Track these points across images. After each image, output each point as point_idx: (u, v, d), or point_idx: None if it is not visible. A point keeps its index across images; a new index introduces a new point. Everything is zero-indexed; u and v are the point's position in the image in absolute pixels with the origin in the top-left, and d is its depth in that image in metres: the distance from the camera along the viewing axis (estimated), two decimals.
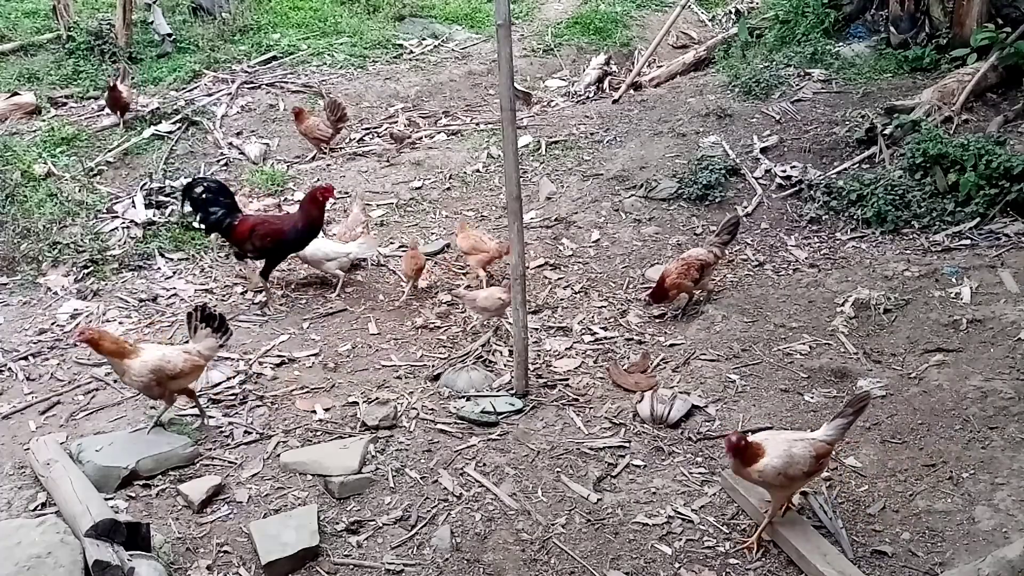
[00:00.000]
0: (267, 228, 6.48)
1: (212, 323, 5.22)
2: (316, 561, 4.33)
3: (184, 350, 5.12)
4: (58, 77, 10.37)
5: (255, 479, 4.87)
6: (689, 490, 4.82)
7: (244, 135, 9.53)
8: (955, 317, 5.98)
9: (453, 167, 8.80)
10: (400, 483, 4.84)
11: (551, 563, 4.36)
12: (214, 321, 5.23)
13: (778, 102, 9.06)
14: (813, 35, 10.40)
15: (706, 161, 8.05)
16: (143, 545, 4.09)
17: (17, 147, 8.49)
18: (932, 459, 4.90)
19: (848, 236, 7.26)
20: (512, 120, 5.07)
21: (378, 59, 11.53)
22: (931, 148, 7.32)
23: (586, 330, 6.35)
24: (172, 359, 4.98)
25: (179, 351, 5.09)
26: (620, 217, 7.77)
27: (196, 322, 5.22)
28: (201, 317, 5.22)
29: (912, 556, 4.34)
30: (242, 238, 6.49)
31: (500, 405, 5.44)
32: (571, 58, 11.98)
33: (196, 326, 5.22)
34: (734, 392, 5.58)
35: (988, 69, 8.57)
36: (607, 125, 9.31)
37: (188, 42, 11.25)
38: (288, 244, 6.55)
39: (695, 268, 6.30)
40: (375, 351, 6.18)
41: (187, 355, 5.06)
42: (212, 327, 5.21)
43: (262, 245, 6.47)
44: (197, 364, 5.11)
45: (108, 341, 4.96)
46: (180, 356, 5.03)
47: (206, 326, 5.21)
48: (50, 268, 7.09)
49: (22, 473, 4.88)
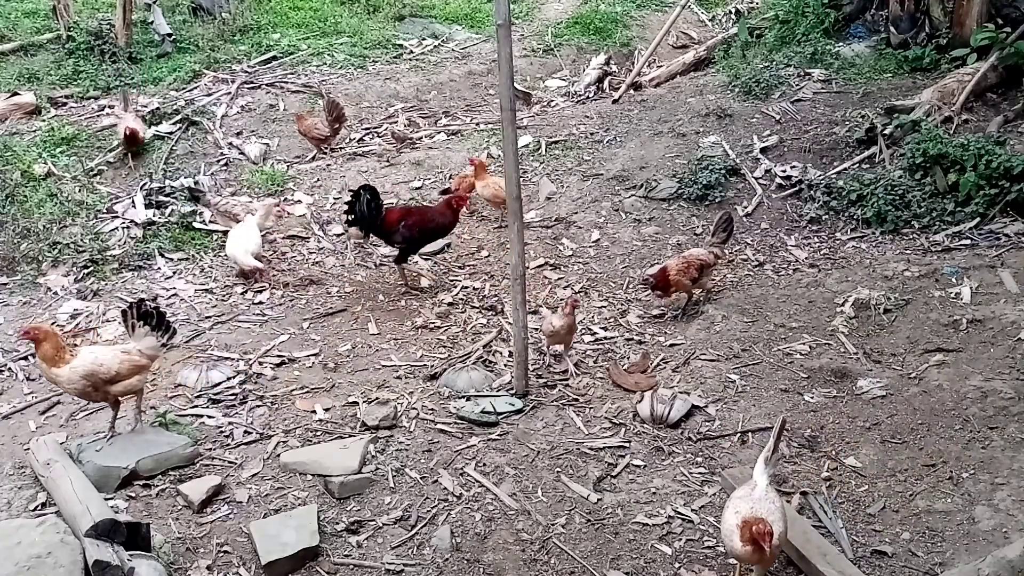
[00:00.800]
0: (414, 219, 6.95)
1: (150, 321, 4.89)
2: (316, 561, 4.33)
3: (122, 350, 4.84)
4: (58, 77, 10.37)
5: (255, 479, 4.87)
6: (689, 490, 4.81)
7: (244, 135, 9.52)
8: (955, 317, 5.98)
9: (453, 167, 8.79)
10: (400, 483, 4.84)
11: (551, 563, 4.36)
12: (152, 319, 4.89)
13: (778, 102, 9.06)
14: (813, 35, 10.40)
15: (706, 161, 8.05)
16: (143, 545, 4.09)
17: (17, 147, 8.49)
18: (932, 459, 4.90)
19: (848, 236, 7.26)
20: (512, 120, 5.07)
21: (378, 59, 11.52)
22: (931, 148, 7.33)
23: (586, 330, 6.35)
24: (105, 362, 4.71)
25: (114, 353, 4.81)
26: (620, 217, 7.77)
27: (132, 320, 4.88)
28: (138, 315, 4.88)
29: (912, 556, 4.34)
30: (391, 227, 6.89)
31: (500, 405, 5.44)
32: (571, 58, 11.98)
33: (133, 324, 4.88)
34: (734, 392, 5.58)
35: (988, 69, 8.57)
36: (607, 125, 9.31)
37: (188, 42, 11.24)
38: (428, 233, 7.05)
39: (695, 267, 6.31)
40: (375, 351, 6.18)
41: (124, 356, 4.79)
42: (151, 325, 4.89)
43: (409, 233, 6.89)
44: (137, 365, 4.83)
45: (49, 344, 4.67)
46: (115, 358, 4.75)
47: (144, 324, 4.88)
48: (50, 268, 7.09)
49: (22, 473, 4.88)
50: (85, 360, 4.72)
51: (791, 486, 4.79)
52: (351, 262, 7.43)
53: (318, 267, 7.38)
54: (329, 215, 8.10)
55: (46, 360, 4.69)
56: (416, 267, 7.20)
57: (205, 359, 6.01)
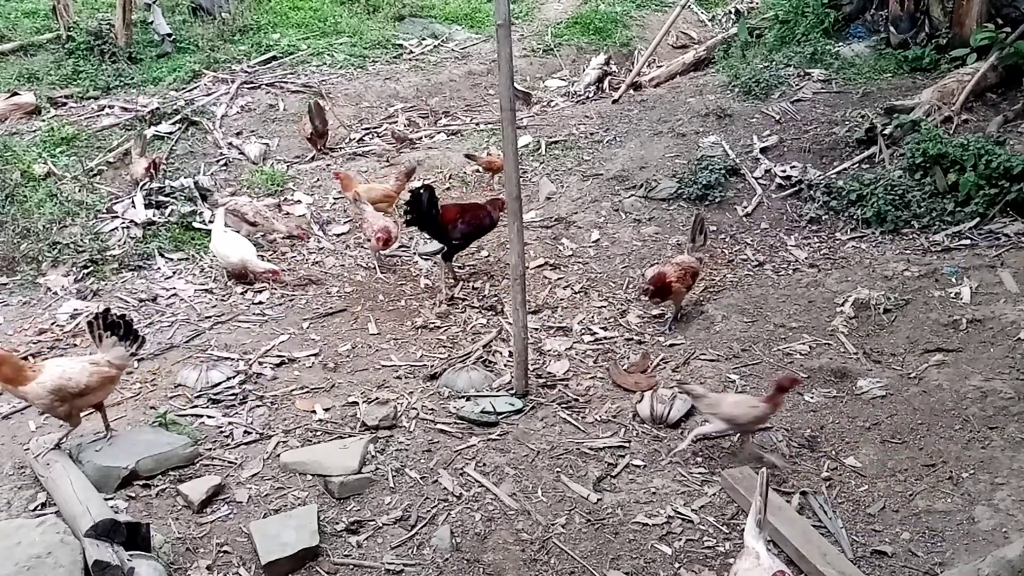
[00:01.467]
0: (470, 216, 7.07)
1: (117, 331, 4.75)
2: (316, 561, 4.33)
3: (91, 362, 4.71)
4: (58, 77, 10.37)
5: (255, 479, 4.87)
6: (689, 490, 4.81)
7: (244, 135, 9.53)
8: (955, 317, 5.98)
9: (453, 167, 8.80)
10: (400, 483, 4.84)
11: (551, 563, 4.36)
12: (119, 328, 4.76)
13: (778, 102, 9.07)
14: (813, 35, 10.41)
15: (706, 161, 8.05)
16: (143, 545, 4.09)
17: (17, 147, 8.49)
18: (932, 459, 4.90)
19: (848, 236, 7.26)
20: (512, 120, 5.07)
21: (378, 59, 11.53)
22: (931, 148, 7.33)
23: (586, 330, 6.35)
24: (74, 376, 4.56)
25: (83, 365, 4.67)
26: (620, 217, 7.77)
27: (99, 331, 4.75)
28: (104, 325, 4.74)
29: (912, 556, 4.34)
30: (449, 225, 7.00)
31: (500, 405, 5.44)
32: (571, 58, 11.99)
33: (100, 335, 4.75)
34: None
35: (988, 69, 8.57)
36: (607, 125, 9.31)
37: (188, 42, 11.25)
38: (478, 231, 7.16)
39: (690, 275, 6.28)
40: (375, 351, 6.18)
41: (94, 368, 4.66)
42: (118, 335, 4.75)
43: (467, 230, 7.04)
44: (107, 376, 4.71)
45: (7, 367, 4.49)
46: (84, 371, 4.61)
47: (111, 334, 4.74)
48: (50, 268, 7.09)
49: (22, 473, 4.87)
50: (52, 375, 4.55)
51: (791, 486, 4.79)
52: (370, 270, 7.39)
53: (318, 267, 7.38)
54: (329, 215, 8.10)
55: (8, 382, 4.54)
56: (448, 267, 7.21)
57: (205, 359, 6.00)
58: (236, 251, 6.97)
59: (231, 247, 7.00)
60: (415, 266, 7.30)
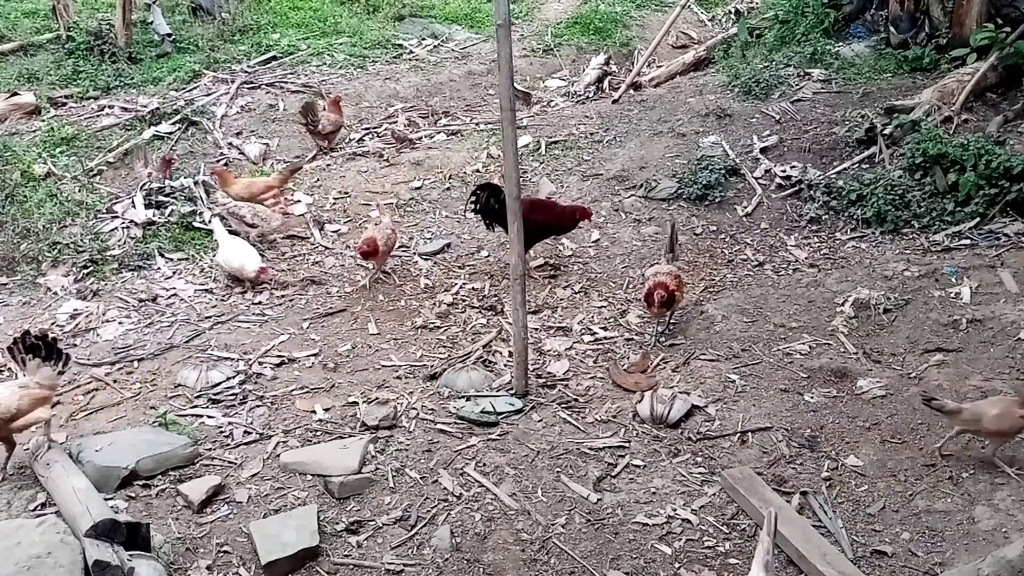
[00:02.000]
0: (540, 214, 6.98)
1: (39, 352, 4.61)
2: (316, 561, 4.33)
3: (19, 385, 4.59)
4: (58, 77, 10.36)
5: (255, 479, 4.87)
6: (689, 490, 4.81)
7: (244, 135, 9.52)
8: (955, 317, 5.98)
9: (453, 167, 8.79)
10: (400, 483, 4.84)
11: (551, 563, 4.36)
12: (40, 350, 4.62)
13: (778, 102, 9.07)
14: (813, 35, 10.40)
15: (706, 161, 8.05)
16: (143, 545, 4.09)
17: (17, 147, 8.48)
18: (932, 459, 4.90)
19: (848, 236, 7.26)
20: (512, 120, 5.07)
21: (378, 59, 11.52)
22: (931, 148, 7.33)
23: (586, 330, 6.35)
24: (3, 400, 4.44)
25: (12, 389, 4.56)
26: (620, 217, 7.77)
27: (21, 355, 4.61)
28: (25, 348, 4.60)
29: (912, 556, 4.34)
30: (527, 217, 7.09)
31: (500, 405, 5.44)
32: (571, 58, 11.98)
33: (23, 359, 4.62)
34: (734, 392, 5.58)
35: (988, 69, 8.57)
36: (607, 125, 9.31)
37: (188, 42, 11.24)
38: (548, 229, 7.15)
39: (682, 281, 6.21)
40: (375, 351, 6.18)
41: (23, 391, 4.53)
42: (41, 356, 4.62)
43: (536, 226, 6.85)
44: (39, 397, 4.58)
45: None
46: (13, 396, 4.49)
47: (34, 356, 4.61)
48: (50, 268, 7.08)
49: (22, 473, 4.87)
50: None
51: (791, 486, 4.79)
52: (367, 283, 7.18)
53: (318, 267, 7.37)
54: (329, 215, 8.10)
55: None
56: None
57: (205, 359, 6.00)
58: (252, 260, 6.88)
59: (244, 256, 6.90)
60: (415, 266, 7.30)
